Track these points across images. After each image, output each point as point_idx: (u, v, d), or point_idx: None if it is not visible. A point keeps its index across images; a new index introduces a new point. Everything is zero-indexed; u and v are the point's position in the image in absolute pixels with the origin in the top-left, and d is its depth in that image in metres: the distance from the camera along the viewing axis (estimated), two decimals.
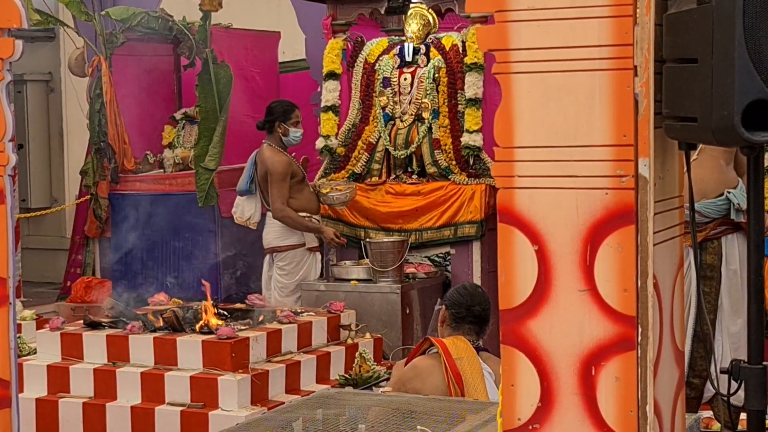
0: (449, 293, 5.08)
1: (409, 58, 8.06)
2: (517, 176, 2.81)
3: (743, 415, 2.97)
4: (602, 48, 2.70)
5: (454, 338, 4.84)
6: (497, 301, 2.87)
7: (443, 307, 5.00)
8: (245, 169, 8.05)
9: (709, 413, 5.76)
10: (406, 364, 4.94)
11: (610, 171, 2.72)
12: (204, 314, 6.33)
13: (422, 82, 7.97)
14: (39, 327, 7.01)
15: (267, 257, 7.97)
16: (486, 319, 4.94)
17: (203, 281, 6.75)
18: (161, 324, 6.25)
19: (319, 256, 7.99)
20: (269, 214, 7.92)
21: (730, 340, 6.23)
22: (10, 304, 3.33)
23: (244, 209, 8.07)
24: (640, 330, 2.69)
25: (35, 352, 6.50)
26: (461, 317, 4.90)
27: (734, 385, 2.84)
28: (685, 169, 2.94)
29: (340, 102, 8.28)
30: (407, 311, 7.36)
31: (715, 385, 2.93)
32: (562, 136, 2.76)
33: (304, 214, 7.85)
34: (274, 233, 7.87)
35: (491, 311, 4.87)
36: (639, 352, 2.70)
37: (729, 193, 6.14)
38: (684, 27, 2.67)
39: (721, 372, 2.87)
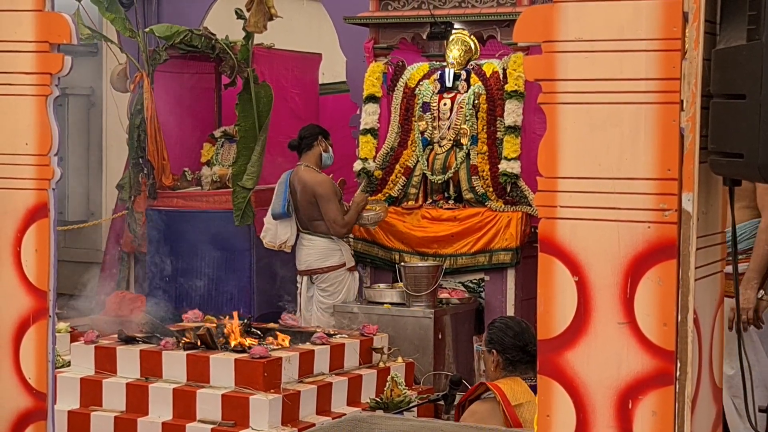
0: (495, 336, 4.80)
1: (449, 84, 8.07)
2: (560, 206, 2.81)
3: None
4: (649, 81, 2.70)
5: (511, 381, 4.64)
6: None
7: (493, 351, 4.76)
8: (278, 192, 8.03)
9: None
10: (458, 405, 4.78)
11: (653, 204, 2.71)
12: (233, 334, 6.35)
13: (462, 107, 7.97)
14: (73, 340, 7.03)
15: (305, 278, 7.94)
16: None
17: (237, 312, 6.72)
18: (195, 341, 6.27)
19: (357, 275, 7.98)
20: (304, 235, 7.92)
21: (759, 378, 6.15)
22: (50, 317, 3.34)
23: (279, 233, 8.02)
24: (678, 365, 2.68)
25: (69, 365, 6.53)
26: (517, 360, 4.70)
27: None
28: (729, 204, 2.93)
29: (379, 125, 8.29)
30: (440, 336, 7.34)
31: (754, 423, 2.90)
32: (606, 168, 2.76)
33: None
34: (315, 255, 7.86)
35: None
36: (677, 387, 2.68)
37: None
38: (733, 63, 2.66)
39: (760, 411, 2.85)
